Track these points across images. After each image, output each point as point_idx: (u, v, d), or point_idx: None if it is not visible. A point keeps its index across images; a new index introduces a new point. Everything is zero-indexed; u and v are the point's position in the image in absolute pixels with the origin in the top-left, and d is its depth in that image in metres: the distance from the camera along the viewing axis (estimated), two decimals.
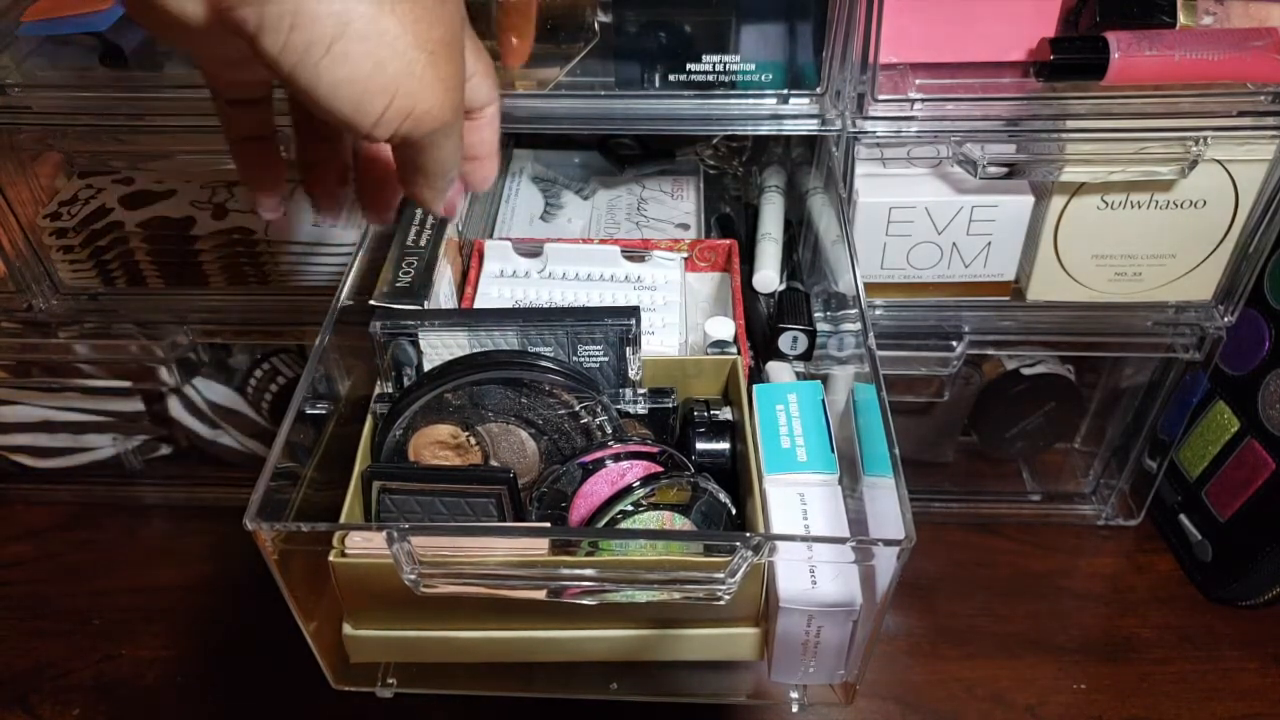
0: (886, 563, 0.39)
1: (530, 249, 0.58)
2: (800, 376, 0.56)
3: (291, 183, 0.68)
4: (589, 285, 0.57)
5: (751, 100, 0.56)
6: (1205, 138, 0.55)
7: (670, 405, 0.50)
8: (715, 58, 0.55)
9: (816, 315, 0.59)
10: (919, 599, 0.71)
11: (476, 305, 0.56)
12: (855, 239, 0.58)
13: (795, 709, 0.49)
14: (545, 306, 0.56)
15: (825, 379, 0.54)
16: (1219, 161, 0.57)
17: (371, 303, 0.50)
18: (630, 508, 0.45)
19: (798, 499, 0.46)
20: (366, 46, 0.31)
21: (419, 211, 0.58)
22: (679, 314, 0.55)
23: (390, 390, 0.50)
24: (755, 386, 0.51)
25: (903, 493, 0.39)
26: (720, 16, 0.54)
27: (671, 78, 0.56)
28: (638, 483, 0.45)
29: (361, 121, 0.33)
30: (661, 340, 0.54)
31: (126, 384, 0.75)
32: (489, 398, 0.48)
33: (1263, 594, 0.68)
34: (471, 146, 0.41)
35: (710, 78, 0.56)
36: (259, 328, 0.68)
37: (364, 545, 0.42)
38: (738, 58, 0.55)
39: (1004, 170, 0.60)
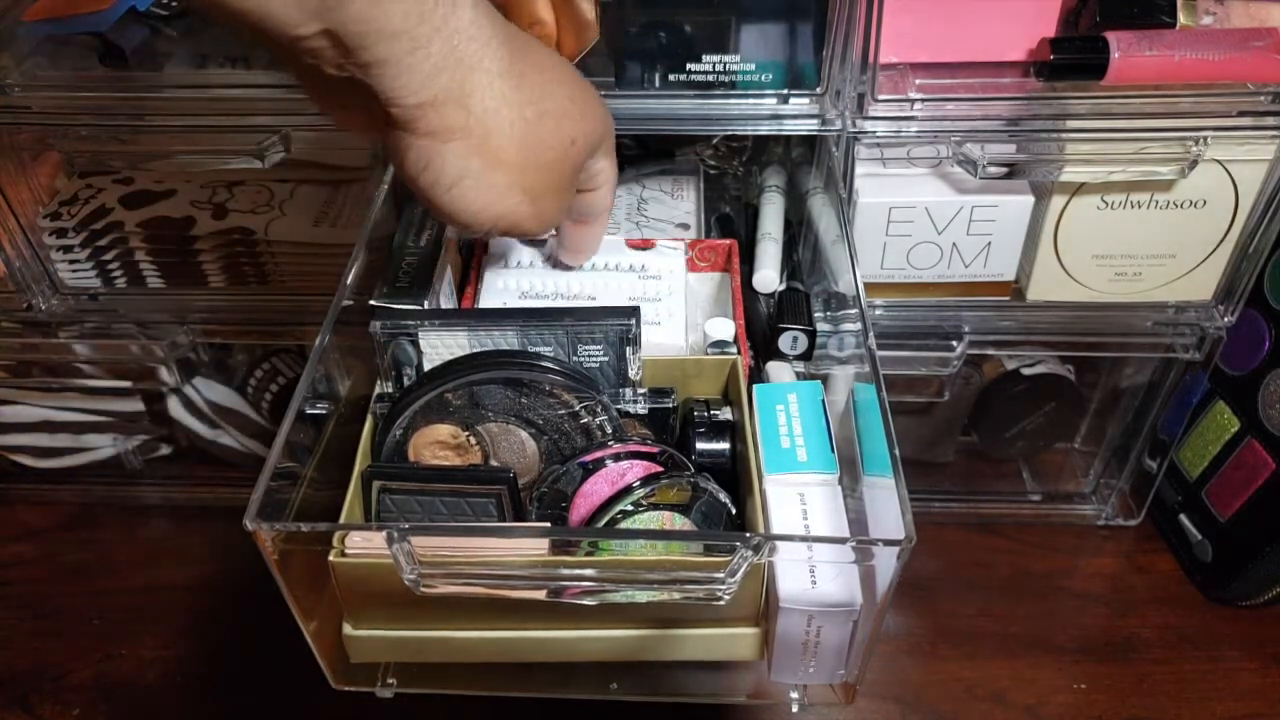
0: (886, 563, 0.39)
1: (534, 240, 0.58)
2: (800, 376, 0.56)
3: (289, 184, 0.68)
4: (593, 275, 0.56)
5: (751, 100, 0.56)
6: (1205, 138, 0.55)
7: (670, 405, 0.50)
8: (715, 57, 0.55)
9: (816, 315, 0.59)
10: (919, 599, 0.71)
11: (482, 295, 0.56)
12: (855, 239, 0.58)
13: (795, 709, 0.49)
14: (547, 307, 0.56)
15: (825, 379, 0.54)
16: (1219, 161, 0.57)
17: (371, 303, 0.50)
18: (630, 508, 0.45)
19: (798, 499, 0.46)
20: (479, 192, 0.40)
21: (419, 211, 0.58)
22: (683, 302, 0.55)
23: (390, 390, 0.50)
24: (755, 386, 0.51)
25: (903, 493, 0.39)
26: (720, 16, 0.54)
27: (671, 78, 0.56)
28: (638, 483, 0.45)
29: (471, 231, 0.43)
30: (667, 331, 0.54)
31: (126, 384, 0.75)
32: (489, 398, 0.48)
33: (1263, 594, 0.68)
34: (576, 239, 0.54)
35: (710, 78, 0.56)
36: (259, 328, 0.69)
37: (364, 545, 0.42)
38: (738, 57, 0.55)
39: (1004, 170, 0.60)
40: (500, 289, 0.55)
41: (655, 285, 0.56)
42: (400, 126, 0.38)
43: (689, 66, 0.55)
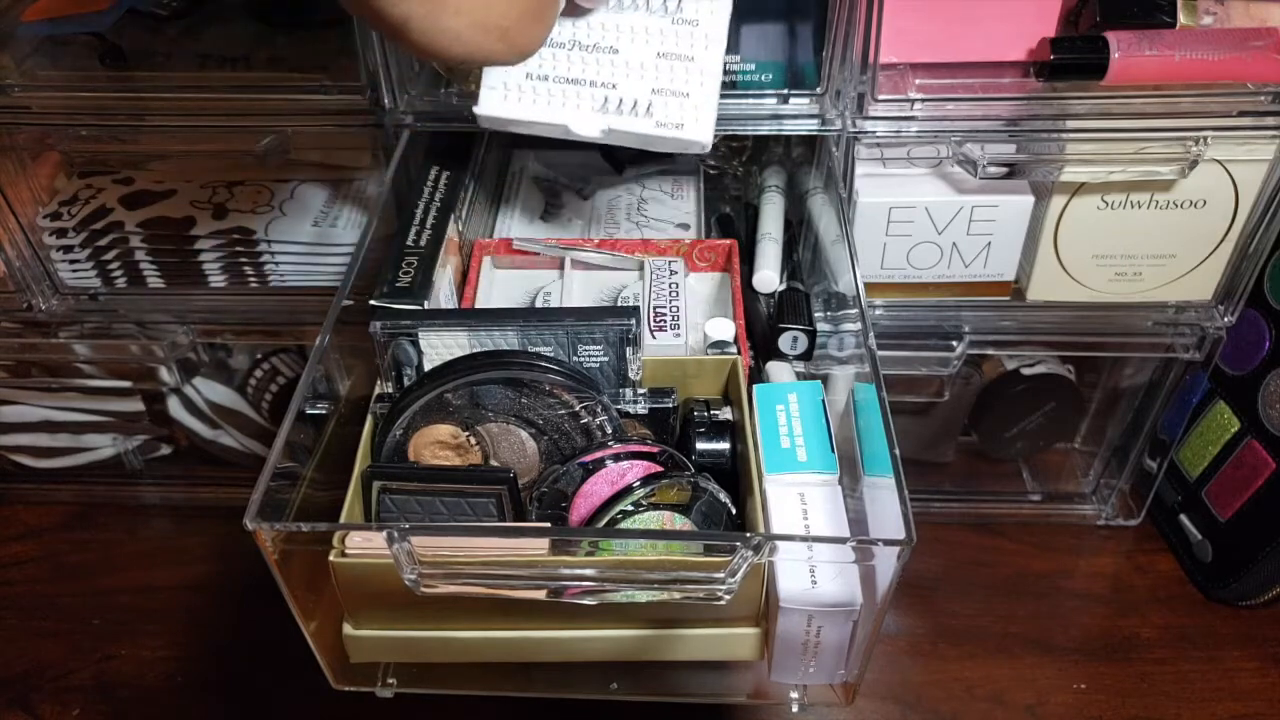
0: (886, 563, 0.39)
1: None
2: (800, 376, 0.56)
3: (289, 184, 0.68)
4: (619, 15, 0.47)
5: (751, 100, 0.56)
6: (1205, 138, 0.55)
7: (670, 405, 0.50)
8: None
9: (816, 315, 0.59)
10: (919, 599, 0.71)
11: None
12: (855, 239, 0.58)
13: (795, 709, 0.49)
14: (551, 307, 0.56)
15: (825, 379, 0.54)
16: (1219, 161, 0.57)
17: (371, 303, 0.50)
18: (630, 508, 0.45)
19: (798, 499, 0.46)
20: (432, 36, 0.35)
21: (419, 211, 0.58)
22: (721, 56, 0.47)
23: (390, 390, 0.50)
24: (755, 386, 0.51)
25: (903, 493, 0.39)
26: None
27: None
28: (638, 483, 0.45)
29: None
30: (692, 128, 0.46)
31: (126, 384, 0.75)
32: (489, 398, 0.48)
33: (1263, 594, 0.68)
34: None
35: None
36: (259, 328, 0.68)
37: (364, 545, 0.42)
38: (738, 58, 0.55)
39: (1004, 170, 0.60)
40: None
41: (689, 36, 0.47)
42: None
43: None
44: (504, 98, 0.47)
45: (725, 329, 0.53)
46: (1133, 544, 0.76)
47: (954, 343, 0.65)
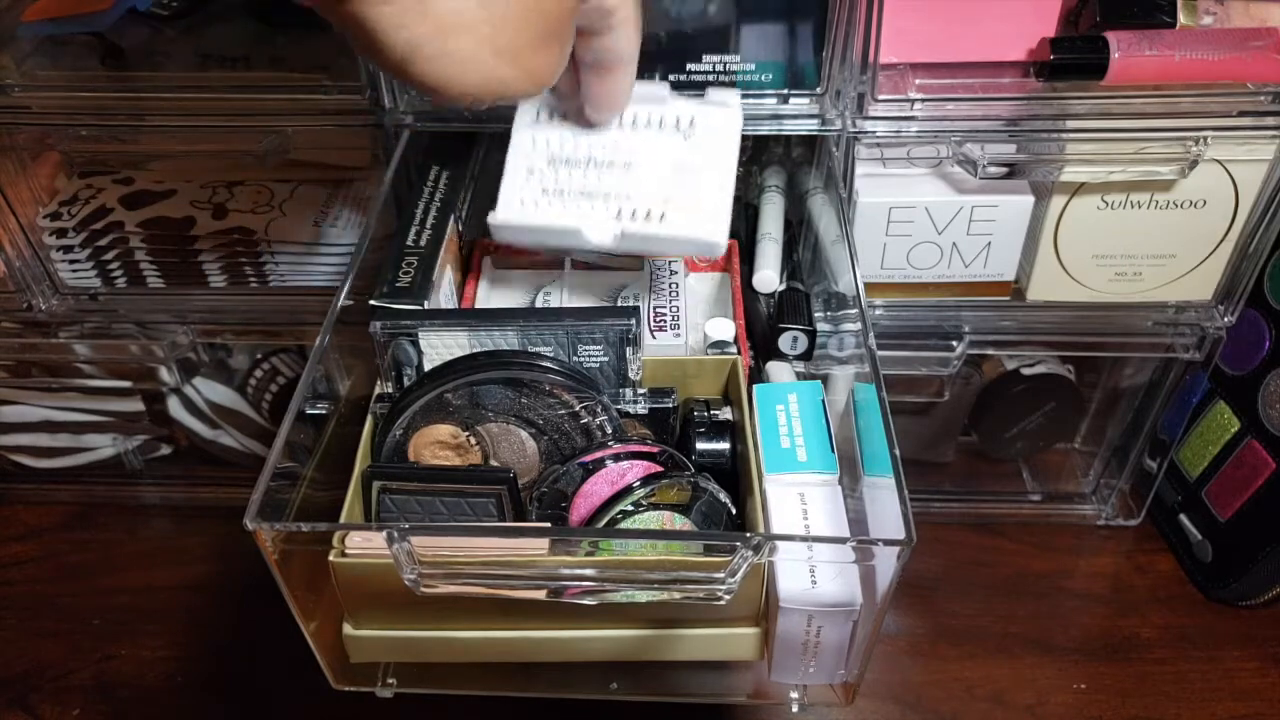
0: (886, 563, 0.39)
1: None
2: (800, 376, 0.56)
3: (289, 184, 0.68)
4: (633, 134, 0.48)
5: (751, 100, 0.56)
6: (1205, 138, 0.55)
7: (670, 405, 0.50)
8: (715, 58, 0.55)
9: (816, 315, 0.59)
10: (919, 599, 0.71)
11: (509, 155, 0.49)
12: (855, 239, 0.58)
13: (795, 709, 0.49)
14: (551, 307, 0.55)
15: (825, 379, 0.54)
16: (1219, 161, 0.57)
17: (371, 303, 0.50)
18: (630, 508, 0.45)
19: (798, 499, 0.46)
20: (437, 65, 0.34)
21: (419, 211, 0.58)
22: (733, 179, 0.48)
23: (390, 390, 0.50)
24: (755, 386, 0.51)
25: (903, 493, 0.39)
26: (720, 16, 0.54)
27: (671, 77, 0.56)
28: (638, 483, 0.45)
29: (453, 104, 0.36)
30: (706, 224, 0.47)
31: (126, 384, 0.75)
32: (489, 398, 0.48)
33: (1263, 594, 0.68)
34: (596, 92, 0.45)
35: (710, 77, 0.56)
36: (259, 328, 0.68)
37: (364, 545, 0.42)
38: (738, 58, 0.55)
39: (1004, 170, 0.60)
40: (529, 149, 0.49)
41: (703, 152, 0.48)
42: None
43: (689, 66, 0.55)
44: (520, 208, 0.48)
45: (725, 329, 0.53)
46: (1133, 544, 0.76)
47: (954, 343, 0.65)
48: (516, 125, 0.49)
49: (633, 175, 0.47)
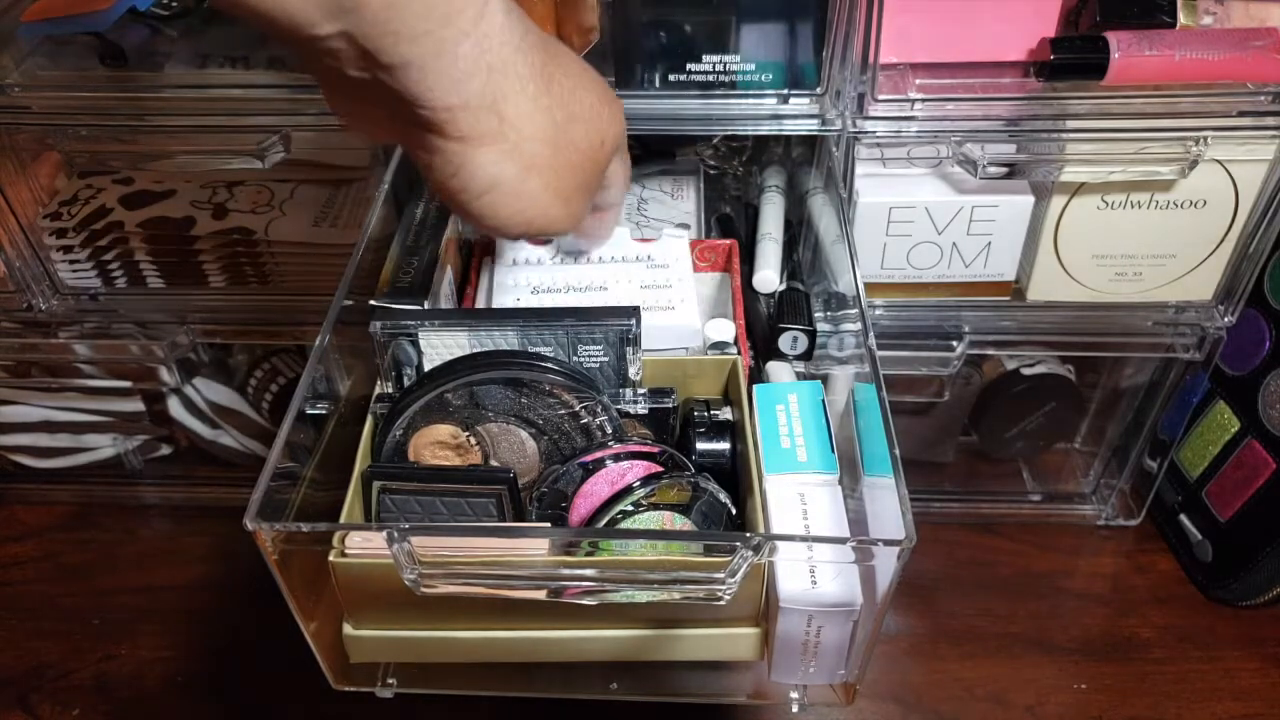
0: (886, 563, 0.39)
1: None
2: (800, 376, 0.56)
3: (289, 184, 0.68)
4: (602, 268, 0.56)
5: (752, 100, 0.56)
6: (1205, 138, 0.55)
7: (670, 405, 0.50)
8: (715, 58, 0.55)
9: (816, 315, 0.59)
10: (919, 599, 0.71)
11: (494, 294, 0.55)
12: (855, 239, 0.58)
13: (795, 709, 0.49)
14: (554, 307, 0.55)
15: (825, 379, 0.54)
16: (1219, 161, 0.57)
17: (371, 303, 0.50)
18: (630, 508, 0.45)
19: (798, 499, 0.46)
20: (512, 198, 0.39)
21: (419, 211, 0.58)
22: (693, 286, 0.55)
23: (390, 390, 0.50)
24: (755, 386, 0.51)
25: (903, 493, 0.39)
26: (720, 16, 0.54)
27: (671, 78, 0.56)
28: (638, 483, 0.45)
29: (503, 236, 0.45)
30: (682, 314, 0.53)
31: (126, 384, 0.75)
32: (489, 398, 0.48)
33: (1263, 594, 0.68)
34: (594, 227, 0.53)
35: (710, 78, 0.56)
36: (259, 328, 0.68)
37: (364, 545, 0.42)
38: (738, 58, 0.55)
39: (1004, 170, 0.60)
40: (511, 286, 0.55)
41: (664, 273, 0.56)
42: (429, 129, 0.37)
43: (689, 66, 0.55)
44: None
45: (725, 329, 0.53)
46: (1133, 544, 0.76)
47: (954, 343, 0.65)
48: (496, 269, 0.56)
49: (608, 295, 0.54)
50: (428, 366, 0.49)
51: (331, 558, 0.42)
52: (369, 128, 0.40)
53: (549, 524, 0.47)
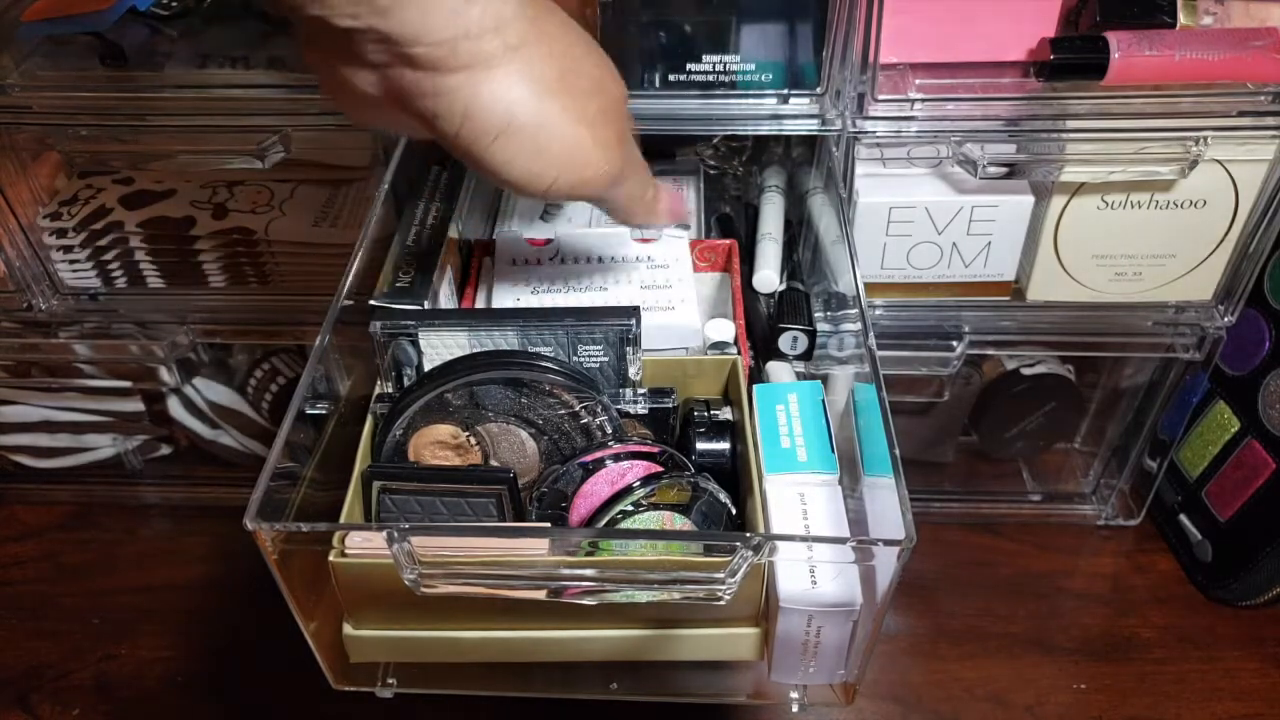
0: (886, 563, 0.39)
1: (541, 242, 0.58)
2: (800, 376, 0.56)
3: (290, 184, 0.68)
4: (601, 268, 0.57)
5: (751, 100, 0.56)
6: (1205, 138, 0.55)
7: (670, 405, 0.50)
8: (715, 57, 0.55)
9: (816, 315, 0.59)
10: (919, 599, 0.71)
11: (494, 297, 0.56)
12: (855, 239, 0.58)
13: (795, 709, 0.49)
14: (550, 307, 0.55)
15: (825, 379, 0.54)
16: (1219, 161, 0.57)
17: (371, 303, 0.50)
18: (630, 508, 0.45)
19: (798, 499, 0.46)
20: (530, 133, 0.35)
21: (419, 211, 0.58)
22: (693, 286, 0.55)
23: (390, 390, 0.50)
24: (755, 386, 0.51)
25: (903, 493, 0.39)
26: (720, 16, 0.54)
27: (671, 78, 0.56)
28: (638, 483, 0.45)
29: (533, 191, 0.37)
30: (682, 314, 0.54)
31: (126, 384, 0.75)
32: (489, 398, 0.48)
33: (1263, 594, 0.68)
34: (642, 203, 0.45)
35: (710, 78, 0.56)
36: (259, 328, 0.69)
37: (364, 545, 0.42)
38: (738, 57, 0.55)
39: (1004, 170, 0.60)
40: (511, 286, 0.56)
41: (664, 273, 0.56)
42: (431, 68, 0.33)
43: (689, 66, 0.55)
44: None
45: (725, 329, 0.53)
46: (1133, 544, 0.76)
47: (954, 343, 0.65)
48: (498, 268, 0.56)
49: (609, 295, 0.55)
50: (428, 366, 0.49)
51: (331, 558, 0.42)
52: (356, 101, 0.36)
53: (549, 524, 0.47)
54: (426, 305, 0.51)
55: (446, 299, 0.55)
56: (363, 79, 0.35)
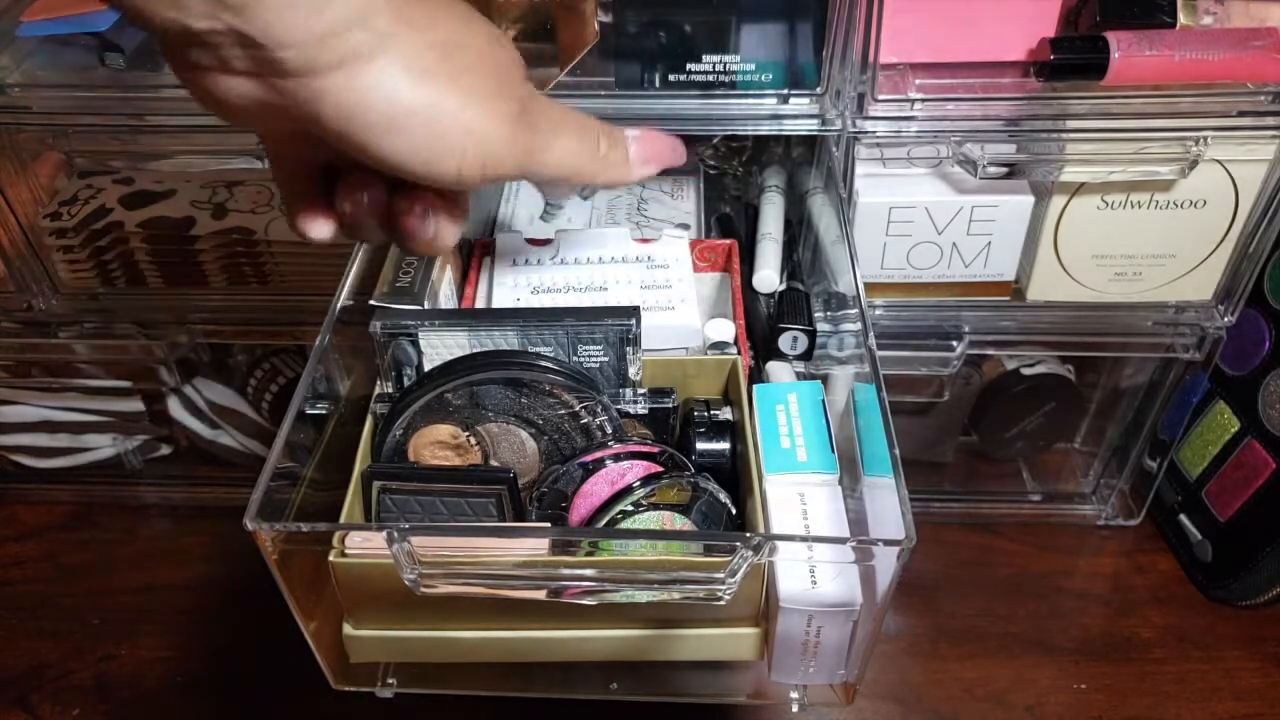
0: (886, 563, 0.39)
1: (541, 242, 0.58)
2: (800, 376, 0.56)
3: None
4: (602, 268, 0.57)
5: (751, 100, 0.56)
6: (1205, 138, 0.55)
7: (670, 405, 0.50)
8: (715, 57, 0.55)
9: (816, 315, 0.59)
10: (919, 599, 0.71)
11: (494, 294, 0.56)
12: (855, 239, 0.58)
13: (795, 709, 0.49)
14: (549, 307, 0.56)
15: (825, 379, 0.54)
16: (1219, 161, 0.57)
17: (371, 303, 0.50)
18: (630, 508, 0.45)
19: (798, 499, 0.46)
20: (420, 121, 0.33)
21: None
22: (693, 287, 0.55)
23: (390, 390, 0.50)
24: (755, 386, 0.51)
25: (903, 493, 0.39)
26: (720, 16, 0.54)
27: (671, 78, 0.56)
28: (638, 483, 0.45)
29: (444, 180, 0.35)
30: (682, 314, 0.54)
31: (126, 384, 0.75)
32: (489, 398, 0.48)
33: (1263, 594, 0.68)
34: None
35: (710, 78, 0.56)
36: (259, 328, 0.69)
37: (364, 545, 0.42)
38: (738, 57, 0.55)
39: (1004, 170, 0.60)
40: (511, 286, 0.55)
41: (664, 273, 0.56)
42: (300, 73, 0.31)
43: (689, 66, 0.55)
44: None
45: (725, 329, 0.53)
46: (1133, 544, 0.76)
47: (954, 343, 0.65)
48: (498, 268, 0.56)
49: (609, 296, 0.54)
50: (428, 366, 0.49)
51: (331, 558, 0.42)
52: (246, 119, 0.34)
53: (549, 524, 0.47)
54: (426, 305, 0.51)
55: (446, 299, 0.55)
56: (236, 89, 0.32)
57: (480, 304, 0.57)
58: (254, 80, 0.32)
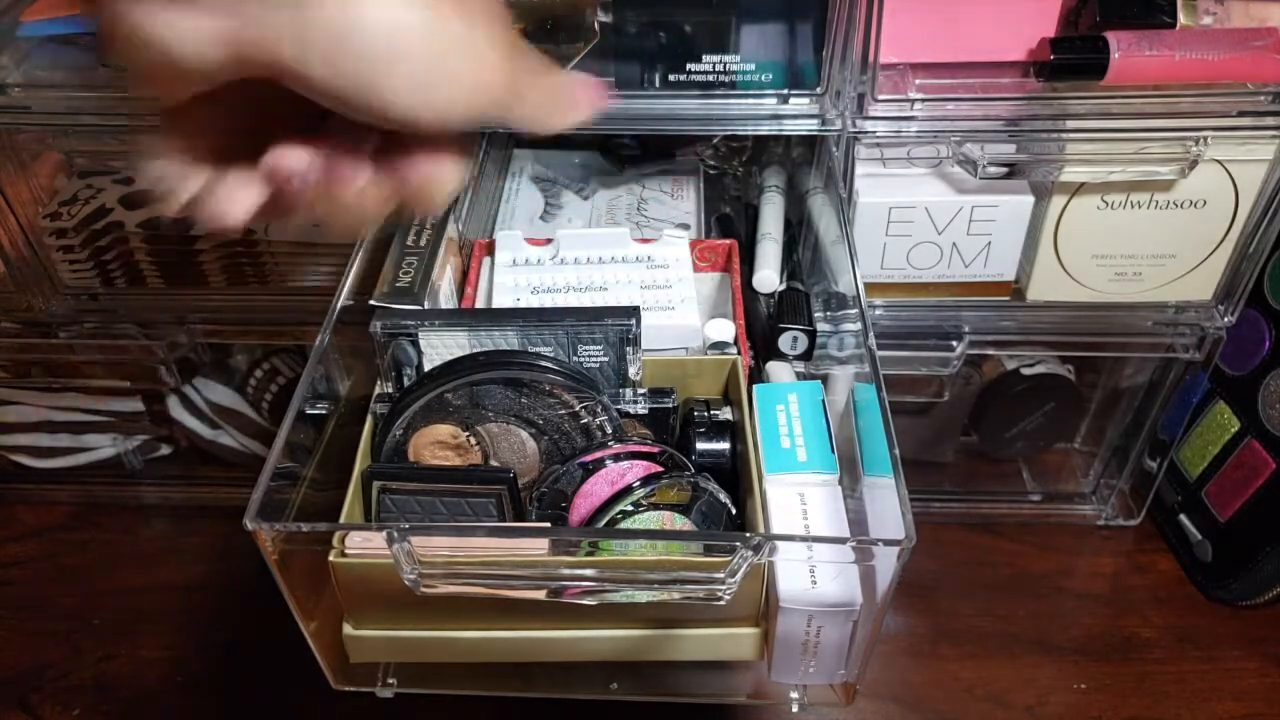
0: (886, 563, 0.39)
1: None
2: (800, 376, 0.56)
3: None
4: (603, 268, 0.57)
5: (751, 100, 0.56)
6: (1205, 138, 0.55)
7: (670, 405, 0.50)
8: (715, 58, 0.55)
9: (816, 315, 0.59)
10: (919, 599, 0.71)
11: (494, 294, 0.56)
12: (855, 239, 0.58)
13: (795, 709, 0.49)
14: (549, 307, 0.56)
15: (825, 379, 0.54)
16: (1219, 161, 0.57)
17: (371, 303, 0.50)
18: (630, 508, 0.45)
19: (798, 499, 0.46)
20: (420, 53, 0.29)
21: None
22: (693, 287, 0.56)
23: (390, 390, 0.50)
24: (755, 386, 0.51)
25: (903, 493, 0.39)
26: (720, 16, 0.54)
27: (671, 78, 0.56)
28: (638, 483, 0.45)
29: (424, 121, 0.30)
30: (682, 314, 0.54)
31: (126, 384, 0.75)
32: (489, 398, 0.48)
33: (1263, 594, 0.68)
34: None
35: (710, 78, 0.56)
36: (259, 328, 0.69)
37: (364, 545, 0.42)
38: (738, 58, 0.55)
39: (1004, 170, 0.60)
40: (511, 286, 0.56)
41: (664, 273, 0.56)
42: (287, 4, 0.28)
43: (689, 66, 0.55)
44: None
45: (725, 329, 0.53)
46: (1133, 544, 0.76)
47: (954, 343, 0.65)
48: (498, 269, 0.56)
49: (609, 296, 0.55)
50: (428, 366, 0.49)
51: (331, 558, 0.42)
52: (191, 82, 0.30)
53: (549, 524, 0.47)
54: (426, 305, 0.51)
55: (446, 299, 0.55)
56: (192, 31, 0.28)
57: (480, 304, 0.57)
58: (219, 16, 0.28)
